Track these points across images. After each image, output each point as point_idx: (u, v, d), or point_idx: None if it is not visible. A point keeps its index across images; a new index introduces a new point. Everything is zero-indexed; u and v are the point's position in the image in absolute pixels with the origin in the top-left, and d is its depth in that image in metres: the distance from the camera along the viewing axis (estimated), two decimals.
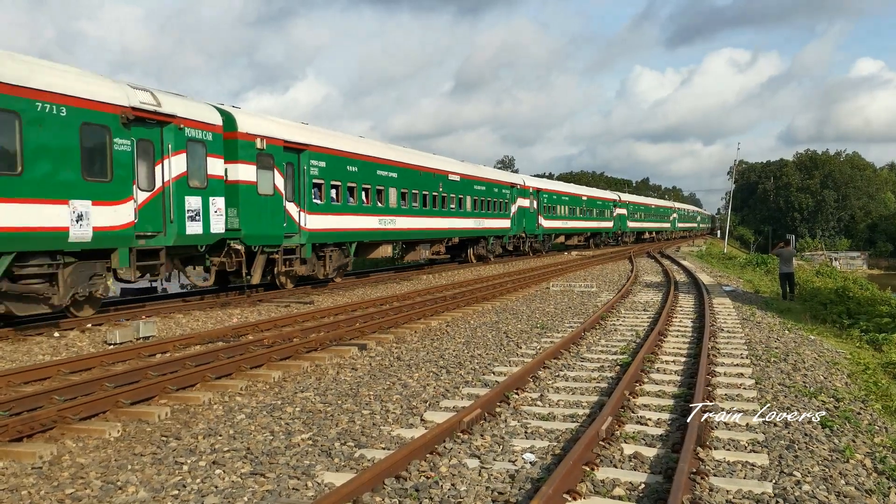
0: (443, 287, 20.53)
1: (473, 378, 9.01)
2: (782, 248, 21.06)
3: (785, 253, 20.86)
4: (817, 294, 19.98)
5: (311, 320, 14.04)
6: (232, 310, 16.03)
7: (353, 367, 9.95)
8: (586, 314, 15.35)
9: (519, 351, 10.99)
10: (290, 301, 17.58)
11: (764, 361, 10.04)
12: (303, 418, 7.24)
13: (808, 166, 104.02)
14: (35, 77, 11.53)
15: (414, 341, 12.08)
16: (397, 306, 15.71)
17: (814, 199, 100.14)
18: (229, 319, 14.65)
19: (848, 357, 11.59)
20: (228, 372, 9.16)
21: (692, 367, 9.41)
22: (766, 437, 6.45)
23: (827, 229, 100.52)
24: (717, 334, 12.38)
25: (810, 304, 18.70)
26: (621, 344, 11.39)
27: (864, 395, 8.58)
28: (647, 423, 6.90)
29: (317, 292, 19.60)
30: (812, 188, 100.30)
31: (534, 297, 19.04)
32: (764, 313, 16.12)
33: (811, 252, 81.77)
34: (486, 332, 13.01)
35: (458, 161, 31.43)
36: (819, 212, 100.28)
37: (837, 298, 18.26)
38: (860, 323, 15.25)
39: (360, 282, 22.79)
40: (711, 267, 34.90)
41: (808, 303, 19.11)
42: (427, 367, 9.80)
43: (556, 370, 9.40)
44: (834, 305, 17.52)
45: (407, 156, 25.52)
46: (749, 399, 7.83)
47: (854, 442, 6.42)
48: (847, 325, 15.45)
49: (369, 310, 15.43)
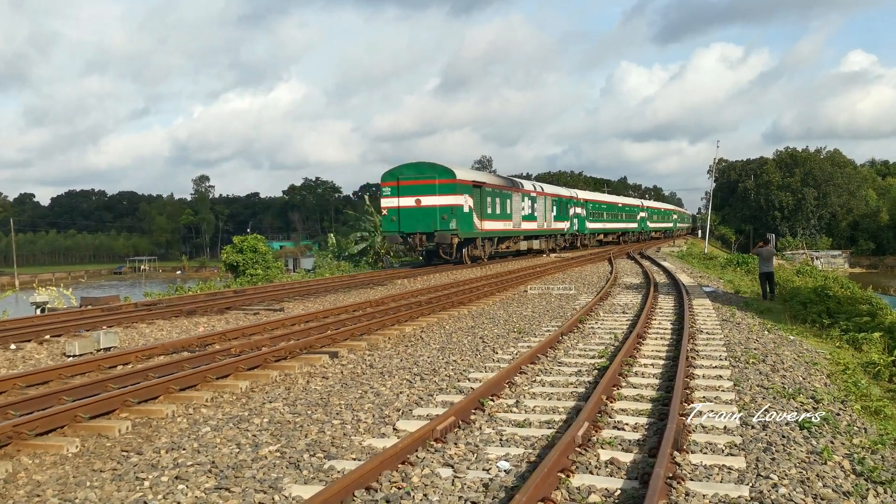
0: (417, 292, 20.53)
1: (448, 385, 9.02)
2: (762, 248, 21.32)
3: (765, 252, 21.12)
4: (797, 294, 20.24)
5: (280, 328, 13.97)
6: (198, 318, 15.91)
7: (324, 375, 9.92)
8: (564, 317, 15.43)
9: (495, 356, 11.02)
10: (259, 308, 17.50)
11: (743, 363, 10.16)
12: (271, 430, 7.20)
13: (789, 164, 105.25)
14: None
15: (387, 348, 12.07)
16: (370, 312, 15.68)
17: (794, 198, 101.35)
18: (195, 328, 14.54)
19: (828, 357, 11.77)
20: (193, 383, 9.08)
21: (671, 369, 9.50)
22: (743, 440, 6.53)
23: (808, 228, 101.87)
24: (696, 336, 12.51)
25: (790, 303, 18.94)
26: (599, 347, 11.47)
27: (843, 395, 8.72)
28: (625, 428, 6.95)
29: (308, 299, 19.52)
30: (793, 186, 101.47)
31: (511, 300, 19.11)
32: (744, 314, 16.31)
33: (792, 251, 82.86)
34: (462, 337, 13.03)
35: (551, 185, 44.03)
36: (800, 210, 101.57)
37: (817, 298, 18.51)
38: (840, 322, 15.49)
39: (333, 286, 22.74)
40: (692, 267, 35.25)
41: (788, 303, 19.36)
42: (400, 374, 9.79)
43: (532, 375, 9.44)
44: (814, 305, 17.76)
45: (528, 185, 42.39)
46: (727, 401, 7.92)
47: (832, 443, 6.53)
48: (827, 324, 15.68)
49: (341, 316, 15.38)
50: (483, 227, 34.79)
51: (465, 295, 19.19)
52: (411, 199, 31.97)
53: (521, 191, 40.40)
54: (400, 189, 32.06)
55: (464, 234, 32.52)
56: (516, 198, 39.18)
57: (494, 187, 36.67)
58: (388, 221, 32.31)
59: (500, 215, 37.17)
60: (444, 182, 31.89)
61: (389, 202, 32.21)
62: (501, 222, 37.39)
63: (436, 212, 31.61)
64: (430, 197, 31.78)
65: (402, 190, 32.03)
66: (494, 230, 36.39)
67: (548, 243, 44.88)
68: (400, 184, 32.07)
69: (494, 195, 36.31)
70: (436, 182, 31.81)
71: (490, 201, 35.65)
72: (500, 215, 37.17)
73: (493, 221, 36.14)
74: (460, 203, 32.21)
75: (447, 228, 31.56)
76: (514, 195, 38.91)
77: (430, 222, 31.63)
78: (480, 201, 34.32)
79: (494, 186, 36.77)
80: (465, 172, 34.36)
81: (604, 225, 61.21)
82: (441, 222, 31.56)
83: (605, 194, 76.91)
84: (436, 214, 31.59)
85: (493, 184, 37.09)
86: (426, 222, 31.65)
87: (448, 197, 31.73)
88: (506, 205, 37.79)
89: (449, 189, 31.84)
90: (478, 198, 34.02)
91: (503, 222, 37.58)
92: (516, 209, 39.09)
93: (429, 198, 31.78)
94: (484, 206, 34.79)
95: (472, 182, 33.83)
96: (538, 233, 42.76)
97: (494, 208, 36.29)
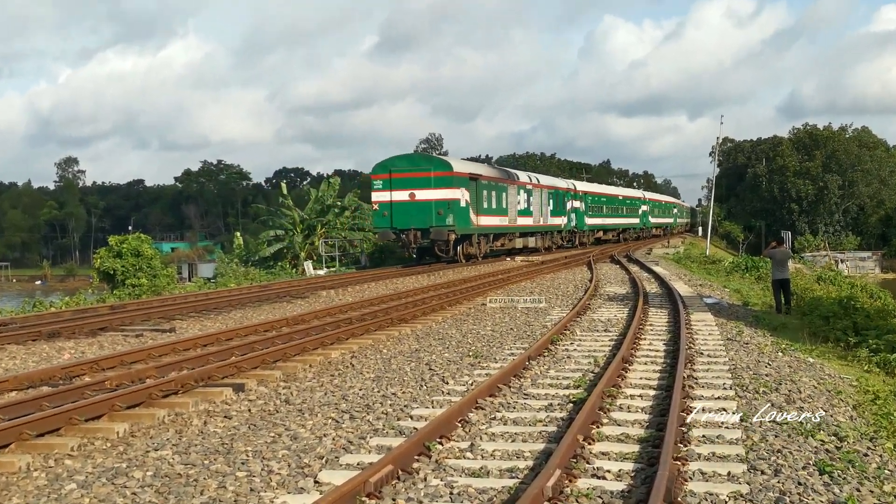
0: (348, 306, 20.47)
1: (385, 425, 9.00)
2: (775, 249, 21.81)
3: (778, 254, 21.60)
4: (818, 306, 20.77)
5: (171, 354, 13.80)
6: (63, 342, 15.62)
7: (227, 414, 9.83)
8: (532, 337, 15.54)
9: (445, 387, 11.04)
10: (143, 329, 17.25)
11: (751, 392, 10.37)
12: (156, 485, 7.10)
13: (808, 144, 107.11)
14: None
15: (308, 378, 12.00)
16: (287, 333, 15.58)
17: (814, 186, 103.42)
18: (59, 356, 14.28)
19: (854, 384, 12.10)
20: (55, 427, 8.90)
21: (663, 402, 9.64)
22: (751, 490, 6.66)
23: (831, 223, 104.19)
24: (694, 360, 12.72)
25: (809, 318, 19.42)
26: (575, 375, 11.57)
27: (872, 431, 8.97)
28: (606, 477, 7.03)
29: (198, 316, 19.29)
30: (812, 172, 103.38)
31: (466, 316, 19.18)
32: (753, 331, 16.65)
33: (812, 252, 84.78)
34: (404, 363, 13.03)
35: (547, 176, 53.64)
36: (821, 202, 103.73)
37: (842, 311, 19.00)
38: (869, 341, 15.92)
39: (239, 300, 22.51)
40: (690, 273, 35.90)
41: (806, 317, 19.84)
42: (325, 411, 9.75)
43: (491, 411, 9.48)
44: (838, 320, 18.22)
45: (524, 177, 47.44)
46: (732, 441, 8.07)
47: (859, 491, 6.70)
48: (853, 343, 16.11)
49: (250, 338, 15.26)
50: (479, 223, 39.17)
51: (408, 310, 19.19)
52: (405, 193, 35.74)
53: (517, 183, 45.27)
54: (392, 182, 35.92)
55: (461, 230, 36.75)
56: (512, 190, 43.86)
57: (490, 179, 41.30)
58: (379, 217, 36.29)
59: (496, 210, 41.72)
60: (441, 174, 36.05)
61: (381, 196, 36.13)
62: (497, 218, 41.98)
63: (431, 206, 35.40)
64: (425, 190, 35.64)
65: (395, 183, 35.86)
66: (490, 226, 41.04)
67: (544, 241, 49.92)
68: (392, 176, 35.95)
69: (490, 188, 40.81)
70: (431, 174, 35.91)
71: (486, 195, 40.03)
72: (496, 210, 41.72)
73: (489, 217, 40.56)
74: (457, 197, 36.33)
75: (444, 224, 35.41)
76: (509, 188, 43.60)
77: (425, 217, 35.40)
78: (476, 195, 38.58)
79: (490, 179, 41.39)
80: (461, 164, 39.70)
81: (603, 220, 65.89)
82: (437, 217, 35.35)
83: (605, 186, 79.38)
84: (431, 209, 35.36)
85: (490, 176, 41.92)
86: (421, 217, 35.43)
87: (444, 190, 35.77)
88: (501, 198, 42.39)
89: (446, 182, 35.96)
90: (474, 191, 38.28)
91: (499, 218, 42.22)
92: (512, 203, 43.65)
93: (424, 191, 35.65)
94: (480, 200, 38.93)
95: (469, 174, 38.44)
96: (534, 229, 47.77)
97: (490, 202, 40.72)
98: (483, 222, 39.76)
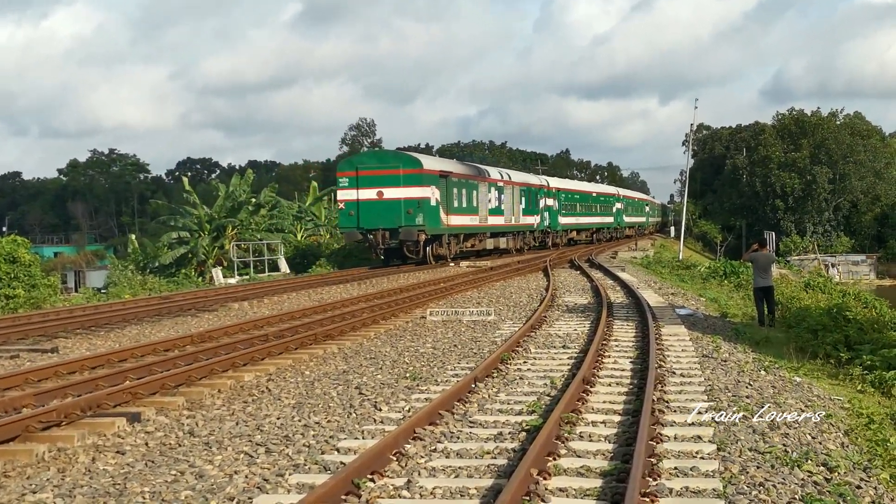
0: (264, 321, 20.33)
1: (307, 459, 8.97)
2: (757, 252, 22.08)
3: (761, 258, 21.89)
4: (805, 317, 21.05)
5: (52, 378, 13.60)
6: None
7: (119, 449, 9.70)
8: (479, 355, 15.58)
9: (377, 415, 11.03)
10: (19, 349, 16.97)
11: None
12: None
13: (794, 132, 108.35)
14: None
15: (216, 406, 11.91)
16: (192, 353, 15.44)
17: (801, 180, 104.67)
18: None
19: (846, 406, 12.32)
20: None
21: (630, 429, 9.73)
22: None
23: (820, 223, 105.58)
24: (665, 380, 12.87)
25: (796, 331, 19.71)
26: (529, 399, 11.63)
27: (866, 460, 9.14)
28: None
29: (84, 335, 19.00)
30: (799, 163, 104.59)
31: (402, 332, 19.18)
32: (732, 346, 16.89)
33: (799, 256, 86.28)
34: (330, 387, 12.99)
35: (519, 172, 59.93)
36: (809, 198, 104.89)
37: (832, 323, 19.27)
38: (863, 357, 16.21)
39: (136, 314, 22.22)
40: (661, 280, 36.34)
41: (792, 329, 20.14)
42: (236, 444, 9.68)
43: (432, 442, 9.49)
44: (828, 333, 18.48)
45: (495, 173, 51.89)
46: (707, 473, 8.18)
47: None
48: (845, 360, 16.40)
49: (147, 359, 15.10)
50: (449, 223, 42.87)
51: (335, 324, 19.12)
52: (372, 192, 39.22)
53: (488, 180, 49.48)
54: (359, 180, 39.42)
55: (431, 230, 40.08)
56: (483, 188, 48.45)
57: (461, 177, 45.20)
58: (345, 216, 39.78)
59: (467, 209, 45.56)
60: (410, 172, 39.65)
61: (347, 194, 39.75)
62: (468, 217, 45.85)
63: (400, 205, 38.87)
64: (393, 189, 39.06)
65: (362, 181, 39.37)
66: (461, 226, 44.82)
67: (515, 241, 54.02)
68: (359, 174, 39.51)
69: (461, 186, 44.69)
70: (400, 172, 39.36)
71: (456, 193, 43.82)
72: (467, 209, 45.56)
73: (459, 216, 44.30)
74: (427, 196, 39.73)
75: (413, 224, 38.79)
76: (480, 185, 47.61)
77: (393, 217, 38.80)
78: (447, 193, 42.18)
79: (461, 176, 45.29)
80: (431, 161, 43.75)
81: (577, 220, 70.21)
82: (406, 217, 38.74)
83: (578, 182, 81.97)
84: (400, 208, 38.83)
85: (460, 173, 45.75)
86: (389, 217, 38.82)
87: (414, 189, 39.25)
88: (472, 196, 46.27)
89: (415, 180, 39.55)
90: (444, 189, 41.78)
91: (469, 217, 46.09)
92: (482, 201, 47.64)
93: (392, 190, 39.09)
94: (450, 198, 42.28)
95: (440, 172, 42.03)
96: (505, 229, 51.86)
97: (461, 201, 44.56)
98: (453, 222, 43.03)
